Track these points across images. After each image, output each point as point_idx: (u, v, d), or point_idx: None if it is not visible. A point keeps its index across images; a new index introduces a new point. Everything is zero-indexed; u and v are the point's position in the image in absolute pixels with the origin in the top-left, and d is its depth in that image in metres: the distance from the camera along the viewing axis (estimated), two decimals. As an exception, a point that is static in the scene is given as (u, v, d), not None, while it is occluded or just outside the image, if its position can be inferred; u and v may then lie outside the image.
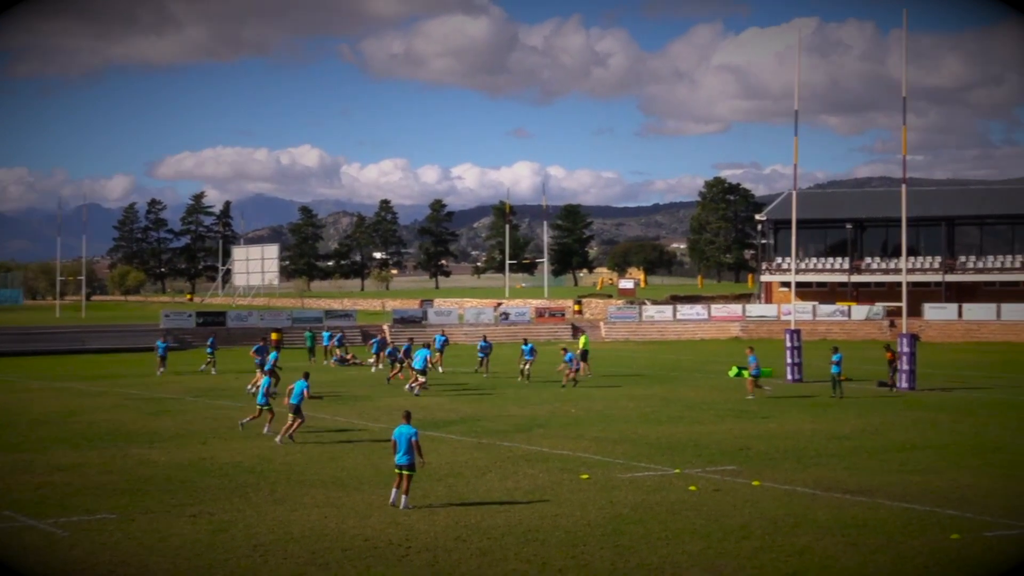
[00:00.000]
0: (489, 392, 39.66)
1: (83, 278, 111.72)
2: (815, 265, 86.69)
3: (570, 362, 41.36)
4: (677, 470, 23.09)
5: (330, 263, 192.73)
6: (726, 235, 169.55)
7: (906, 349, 40.65)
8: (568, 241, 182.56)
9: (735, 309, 79.53)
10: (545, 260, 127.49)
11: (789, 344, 43.92)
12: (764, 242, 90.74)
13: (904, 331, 42.71)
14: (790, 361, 43.69)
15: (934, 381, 42.72)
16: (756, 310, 79.26)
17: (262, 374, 33.66)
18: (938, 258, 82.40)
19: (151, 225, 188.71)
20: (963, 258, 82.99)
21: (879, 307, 75.40)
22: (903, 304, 44.58)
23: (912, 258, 77.45)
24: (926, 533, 17.40)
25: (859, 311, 75.62)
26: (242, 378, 43.04)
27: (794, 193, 47.95)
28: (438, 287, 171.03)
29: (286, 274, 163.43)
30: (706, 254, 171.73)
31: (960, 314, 73.12)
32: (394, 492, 19.42)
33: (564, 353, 42.10)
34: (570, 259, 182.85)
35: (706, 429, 29.66)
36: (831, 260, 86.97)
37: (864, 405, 35.42)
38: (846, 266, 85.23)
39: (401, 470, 19.28)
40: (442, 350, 47.97)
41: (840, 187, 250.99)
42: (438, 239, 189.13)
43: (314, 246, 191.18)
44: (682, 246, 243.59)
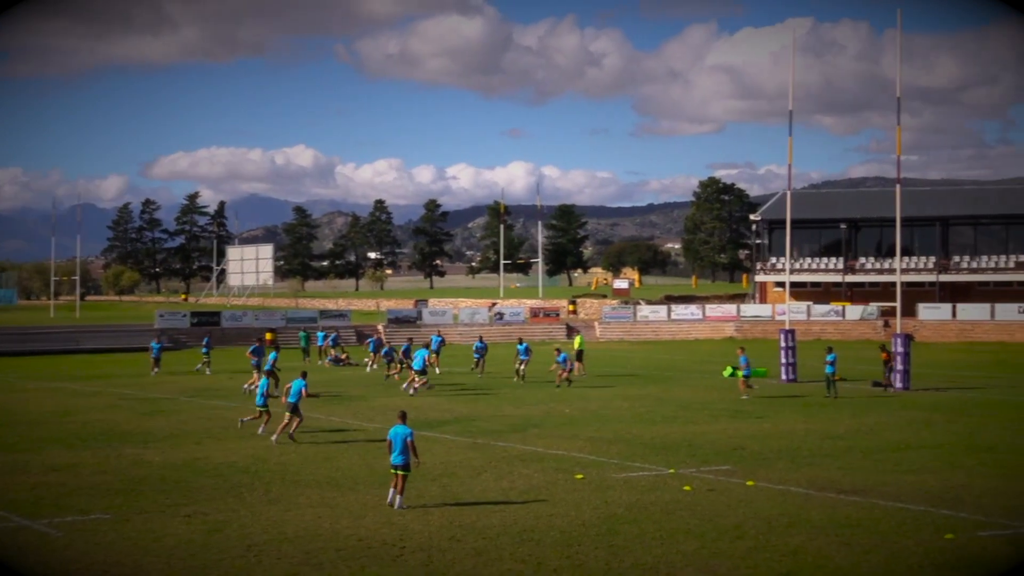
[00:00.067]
0: (484, 392, 39.67)
1: (77, 278, 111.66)
2: (809, 265, 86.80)
3: (563, 362, 41.34)
4: (672, 470, 23.10)
5: (325, 263, 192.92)
6: (721, 235, 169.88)
7: (900, 349, 40.72)
8: (563, 241, 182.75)
9: (730, 309, 79.64)
10: (540, 260, 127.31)
11: (783, 344, 44.00)
12: (758, 242, 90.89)
13: (898, 331, 42.76)
14: (784, 361, 43.77)
15: (928, 381, 42.79)
16: (750, 310, 79.42)
17: (260, 375, 33.62)
18: (932, 258, 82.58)
19: (146, 225, 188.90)
20: (957, 258, 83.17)
21: (873, 307, 75.61)
22: (897, 304, 44.70)
23: (906, 258, 77.64)
24: (920, 533, 17.42)
25: (853, 311, 75.74)
26: (236, 378, 43.03)
27: (788, 193, 47.99)
28: (433, 287, 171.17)
29: (281, 274, 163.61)
30: (701, 254, 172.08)
31: (954, 314, 73.29)
32: (391, 492, 19.43)
33: (558, 353, 42.09)
34: (565, 259, 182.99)
35: (700, 429, 29.68)
36: (825, 260, 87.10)
37: (858, 405, 35.46)
38: (840, 266, 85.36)
39: (396, 470, 19.28)
40: (438, 351, 47.95)
41: (835, 187, 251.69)
42: (433, 239, 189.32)
43: (309, 246, 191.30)
44: (677, 246, 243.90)
